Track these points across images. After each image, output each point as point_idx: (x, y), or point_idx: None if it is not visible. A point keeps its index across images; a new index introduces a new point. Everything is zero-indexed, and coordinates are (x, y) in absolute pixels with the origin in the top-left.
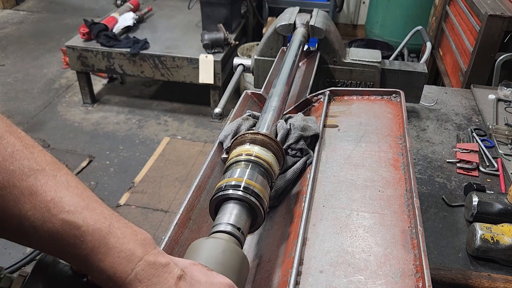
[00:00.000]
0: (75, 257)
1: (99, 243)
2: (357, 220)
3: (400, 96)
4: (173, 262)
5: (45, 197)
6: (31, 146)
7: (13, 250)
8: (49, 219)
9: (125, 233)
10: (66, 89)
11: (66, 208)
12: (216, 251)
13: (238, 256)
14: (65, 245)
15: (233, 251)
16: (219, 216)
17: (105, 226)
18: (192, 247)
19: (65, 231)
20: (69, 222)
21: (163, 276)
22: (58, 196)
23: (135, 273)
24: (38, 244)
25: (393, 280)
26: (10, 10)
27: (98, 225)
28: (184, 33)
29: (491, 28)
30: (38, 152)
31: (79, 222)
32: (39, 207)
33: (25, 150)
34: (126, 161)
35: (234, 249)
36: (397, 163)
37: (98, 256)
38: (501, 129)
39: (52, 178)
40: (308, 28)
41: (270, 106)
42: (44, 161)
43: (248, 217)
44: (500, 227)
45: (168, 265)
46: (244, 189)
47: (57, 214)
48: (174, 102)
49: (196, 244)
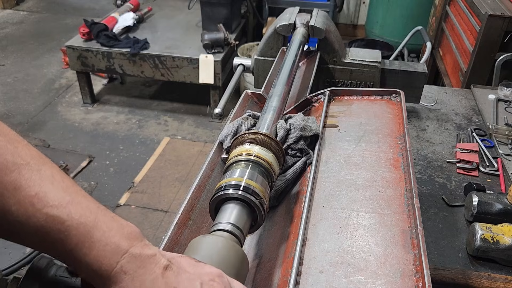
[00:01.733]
0: (61, 252)
1: (84, 237)
2: (357, 220)
3: (400, 96)
4: (159, 253)
5: (29, 192)
6: (15, 141)
7: (13, 250)
8: (33, 214)
9: (110, 226)
10: (66, 89)
11: (51, 202)
12: (215, 247)
13: (237, 253)
14: (50, 240)
15: (232, 249)
16: (219, 216)
17: (90, 220)
18: (192, 244)
19: (50, 226)
20: (54, 216)
21: (149, 267)
22: (43, 190)
23: (120, 266)
24: (25, 239)
25: (393, 280)
26: (10, 10)
27: (83, 219)
28: (184, 33)
29: (491, 28)
30: (22, 147)
31: (63, 217)
32: (23, 202)
33: (8, 145)
34: (126, 161)
35: (233, 247)
36: (397, 163)
37: (83, 251)
38: (501, 129)
39: (37, 172)
40: (308, 28)
41: (270, 106)
42: (28, 156)
43: (248, 217)
44: (500, 227)
45: (154, 256)
46: (244, 189)
47: (41, 208)
48: (174, 102)
49: (195, 241)
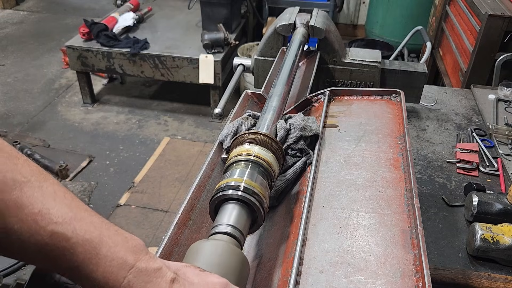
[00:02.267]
0: (65, 269)
1: (90, 254)
2: (357, 220)
3: (400, 96)
4: (165, 266)
5: (32, 210)
6: (15, 157)
7: None
8: (37, 231)
9: (116, 241)
10: (66, 89)
11: (54, 219)
12: (215, 252)
13: (238, 257)
14: (54, 257)
15: (232, 253)
16: (219, 217)
17: (95, 236)
18: (192, 250)
19: (54, 243)
20: (58, 233)
21: (155, 281)
22: (46, 207)
23: (127, 281)
24: (25, 256)
25: (393, 280)
26: (10, 10)
27: (88, 236)
28: (184, 33)
29: (491, 28)
30: (22, 163)
31: (68, 234)
32: (26, 220)
33: (8, 161)
34: (126, 161)
35: (233, 251)
36: (397, 163)
37: (89, 267)
38: (501, 129)
39: (38, 189)
40: (308, 28)
41: (270, 106)
42: (29, 172)
43: (248, 217)
44: (500, 227)
45: (160, 269)
46: (244, 190)
47: (45, 226)
48: (174, 102)
49: (195, 246)
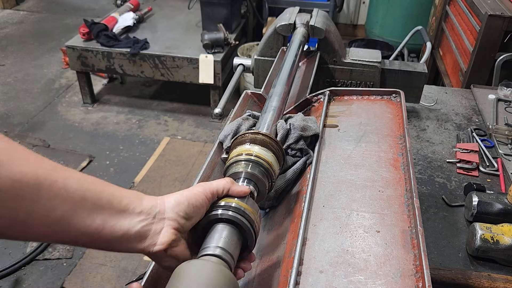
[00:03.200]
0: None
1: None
2: (357, 220)
3: (400, 96)
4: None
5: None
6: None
7: (13, 250)
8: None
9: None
10: (66, 89)
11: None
12: (203, 272)
13: (226, 277)
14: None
15: (221, 273)
16: (208, 239)
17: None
18: (178, 271)
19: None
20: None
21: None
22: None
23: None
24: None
25: (393, 280)
26: (10, 10)
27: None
28: (184, 33)
29: (491, 28)
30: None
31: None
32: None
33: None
34: (126, 161)
35: (221, 271)
36: (397, 163)
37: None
38: (501, 129)
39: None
40: (308, 28)
41: (270, 106)
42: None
43: (238, 239)
44: (500, 227)
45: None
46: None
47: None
48: (174, 102)
49: (182, 267)
